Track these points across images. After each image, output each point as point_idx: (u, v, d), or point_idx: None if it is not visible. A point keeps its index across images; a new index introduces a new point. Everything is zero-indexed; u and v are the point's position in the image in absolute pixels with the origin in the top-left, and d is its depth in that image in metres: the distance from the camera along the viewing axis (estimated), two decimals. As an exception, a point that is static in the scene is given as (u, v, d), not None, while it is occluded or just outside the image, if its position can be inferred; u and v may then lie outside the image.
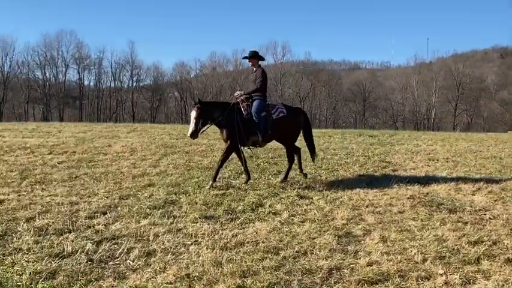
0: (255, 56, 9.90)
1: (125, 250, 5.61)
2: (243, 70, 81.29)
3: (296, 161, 10.38)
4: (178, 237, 6.15)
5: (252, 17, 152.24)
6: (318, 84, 78.93)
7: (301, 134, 10.50)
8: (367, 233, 6.54)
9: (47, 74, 76.41)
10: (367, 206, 7.99)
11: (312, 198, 8.47)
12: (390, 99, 79.60)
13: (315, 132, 25.35)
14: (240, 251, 5.69)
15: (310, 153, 10.67)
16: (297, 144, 10.45)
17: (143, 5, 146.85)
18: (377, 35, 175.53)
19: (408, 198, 8.64)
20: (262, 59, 10.07)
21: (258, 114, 9.46)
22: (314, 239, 6.22)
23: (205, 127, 9.53)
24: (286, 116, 9.85)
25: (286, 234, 6.38)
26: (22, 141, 15.45)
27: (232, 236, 6.23)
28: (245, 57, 9.93)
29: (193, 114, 9.31)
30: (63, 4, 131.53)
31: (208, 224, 6.72)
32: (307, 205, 8.02)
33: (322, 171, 11.57)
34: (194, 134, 9.30)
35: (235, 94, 10.01)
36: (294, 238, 6.25)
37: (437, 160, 14.05)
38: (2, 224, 6.50)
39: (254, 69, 10.00)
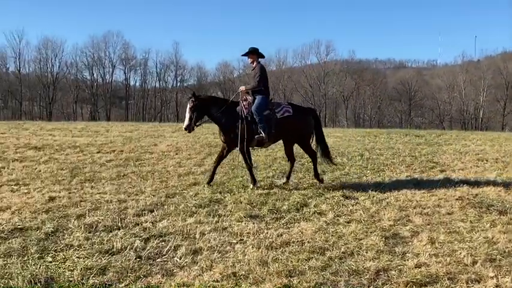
0: (254, 52, 9.45)
1: (172, 248, 5.68)
2: (286, 70, 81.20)
3: (305, 164, 10.18)
4: (224, 236, 6.19)
5: (296, 16, 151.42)
6: (362, 83, 77.93)
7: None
8: (415, 234, 6.42)
9: (95, 75, 78.10)
10: (414, 207, 7.85)
11: (357, 199, 8.39)
12: (437, 98, 77.80)
13: (359, 131, 25.19)
14: (285, 250, 5.68)
15: (323, 156, 10.05)
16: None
17: (188, 6, 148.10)
18: (423, 33, 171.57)
19: (457, 199, 8.45)
20: (262, 56, 9.58)
21: (258, 112, 9.08)
22: (360, 239, 6.15)
23: (201, 121, 9.41)
24: (292, 116, 9.40)
25: (332, 235, 6.34)
26: (72, 140, 15.87)
27: (278, 236, 6.23)
28: (244, 54, 9.42)
29: (187, 106, 9.17)
30: (110, 5, 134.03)
31: (254, 223, 6.74)
32: (352, 205, 7.95)
33: (368, 172, 11.44)
34: (188, 127, 9.08)
35: (239, 89, 9.78)
36: (340, 239, 6.20)
37: (487, 161, 13.68)
38: (54, 220, 6.68)
39: (253, 66, 9.54)
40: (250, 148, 9.46)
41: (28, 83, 73.37)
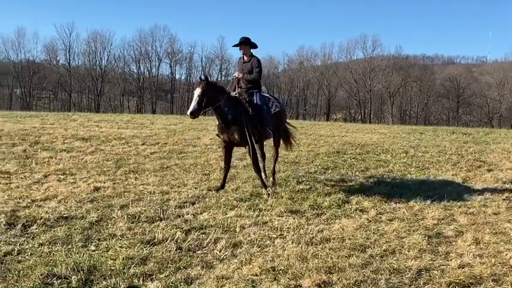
0: (246, 43, 8.65)
1: (212, 240, 5.71)
2: (331, 64, 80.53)
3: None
4: (264, 230, 6.19)
5: (342, 10, 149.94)
6: (408, 79, 76.47)
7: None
8: (459, 234, 6.27)
9: (141, 68, 79.35)
10: (459, 206, 7.66)
11: (401, 196, 8.23)
12: (486, 95, 75.66)
13: (405, 128, 24.77)
14: (325, 246, 5.64)
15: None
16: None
17: (234, 1, 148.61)
18: (473, 29, 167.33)
19: (504, 199, 8.21)
20: (255, 46, 8.76)
21: (262, 109, 8.42)
22: (403, 238, 6.05)
23: (207, 109, 8.17)
24: (280, 111, 9.08)
25: (373, 232, 6.25)
26: (118, 132, 16.19)
27: (318, 232, 6.19)
28: (235, 45, 8.63)
29: (197, 91, 7.98)
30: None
31: (294, 218, 6.72)
32: (395, 203, 7.82)
33: (412, 169, 11.23)
34: (195, 114, 7.91)
35: (234, 75, 8.85)
36: (382, 236, 6.11)
37: (537, 160, 13.21)
38: (98, 210, 6.83)
39: (245, 58, 8.73)
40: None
41: (77, 75, 75.14)
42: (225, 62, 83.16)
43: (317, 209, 7.31)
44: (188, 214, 6.80)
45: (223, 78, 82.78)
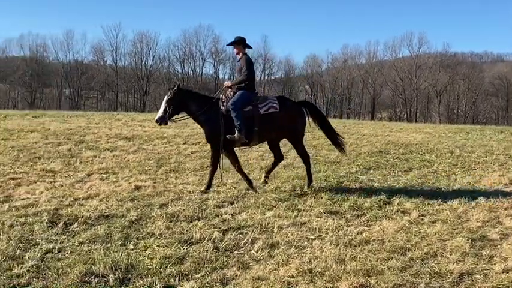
0: (240, 42, 8.59)
1: (250, 240, 5.70)
2: (376, 63, 79.43)
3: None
4: (302, 231, 6.13)
5: (387, 7, 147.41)
6: (456, 77, 74.55)
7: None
8: (505, 237, 6.04)
9: (186, 68, 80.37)
10: (505, 209, 7.38)
11: (444, 198, 8.00)
12: (538, 94, 73.30)
13: (451, 127, 24.17)
14: (364, 249, 5.53)
15: (335, 145, 9.17)
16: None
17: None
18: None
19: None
20: (249, 46, 8.73)
21: (234, 108, 8.16)
22: (445, 241, 5.87)
23: (179, 117, 8.58)
24: (278, 112, 8.40)
25: (414, 235, 6.10)
26: (160, 132, 16.36)
27: (357, 233, 6.09)
28: (230, 44, 8.66)
29: (165, 98, 8.34)
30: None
31: (333, 220, 6.62)
32: (439, 205, 7.60)
33: (457, 170, 10.93)
34: (161, 120, 8.19)
35: (224, 84, 8.88)
36: (423, 239, 5.95)
37: None
38: (138, 209, 6.92)
39: (238, 57, 8.73)
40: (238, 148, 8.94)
41: (124, 75, 76.65)
42: (268, 61, 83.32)
43: (357, 210, 7.19)
44: (226, 214, 6.81)
45: (266, 77, 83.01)
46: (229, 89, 8.59)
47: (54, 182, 8.55)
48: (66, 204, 7.09)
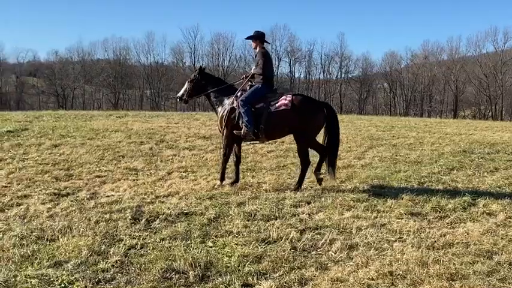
0: (258, 37, 8.66)
1: (328, 241, 5.60)
2: (459, 59, 76.40)
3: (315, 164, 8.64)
4: (381, 233, 5.96)
5: (468, 2, 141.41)
6: (546, 72, 70.62)
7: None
8: None
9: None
10: None
11: (536, 200, 7.56)
12: None
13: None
14: (448, 252, 5.31)
15: (327, 161, 8.51)
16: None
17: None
18: None
19: None
20: (267, 42, 8.85)
21: (243, 104, 8.11)
22: (536, 245, 5.53)
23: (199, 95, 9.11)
24: (288, 110, 8.05)
25: (501, 238, 5.79)
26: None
27: (440, 236, 5.85)
28: (248, 37, 8.79)
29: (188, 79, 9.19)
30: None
31: (414, 221, 6.40)
32: (529, 207, 7.19)
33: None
34: (180, 98, 9.11)
35: (243, 76, 9.08)
36: (511, 242, 5.63)
37: None
38: (216, 207, 7.00)
39: (256, 51, 8.80)
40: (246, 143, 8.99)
41: (202, 76, 78.24)
42: (345, 59, 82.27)
43: (440, 212, 6.92)
44: (303, 213, 6.75)
45: (343, 76, 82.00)
46: (249, 82, 8.67)
47: (137, 180, 8.83)
48: (148, 201, 7.30)
